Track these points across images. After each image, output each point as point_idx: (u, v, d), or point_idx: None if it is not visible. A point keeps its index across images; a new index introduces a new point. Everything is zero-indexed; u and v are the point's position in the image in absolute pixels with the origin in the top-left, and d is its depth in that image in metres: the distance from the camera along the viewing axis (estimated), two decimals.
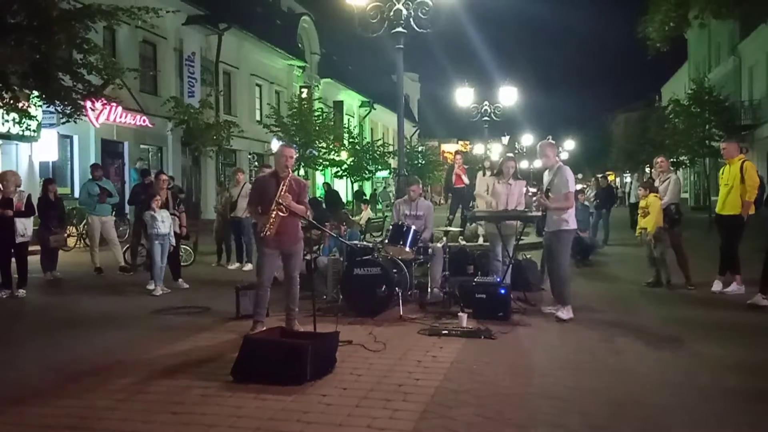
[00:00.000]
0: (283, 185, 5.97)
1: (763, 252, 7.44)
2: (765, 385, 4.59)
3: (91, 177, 11.27)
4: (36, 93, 12.00)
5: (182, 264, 11.16)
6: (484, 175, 10.85)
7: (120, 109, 18.27)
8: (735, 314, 7.01)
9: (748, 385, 4.56)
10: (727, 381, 4.66)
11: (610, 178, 50.68)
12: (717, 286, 8.27)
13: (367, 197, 27.32)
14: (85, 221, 12.77)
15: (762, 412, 4.07)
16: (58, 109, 12.07)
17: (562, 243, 6.91)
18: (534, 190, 10.88)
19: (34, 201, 9.60)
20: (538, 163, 18.64)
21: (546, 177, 7.10)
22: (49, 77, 11.07)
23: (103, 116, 17.84)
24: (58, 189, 11.89)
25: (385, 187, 39.55)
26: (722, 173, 8.35)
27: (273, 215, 5.89)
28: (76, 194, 15.87)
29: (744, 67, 28.89)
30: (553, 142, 7.40)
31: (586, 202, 14.50)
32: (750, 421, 3.92)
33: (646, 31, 14.46)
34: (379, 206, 32.32)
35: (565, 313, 6.70)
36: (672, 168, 9.71)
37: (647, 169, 45.59)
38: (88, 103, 12.96)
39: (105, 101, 13.26)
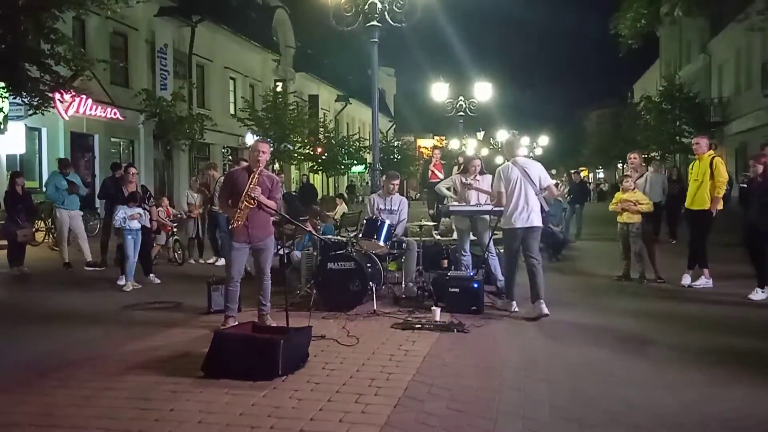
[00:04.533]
0: (252, 178, 5.93)
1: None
2: (729, 374, 4.68)
3: (58, 170, 11.04)
4: (2, 84, 11.72)
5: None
6: (458, 170, 10.87)
7: (90, 101, 17.95)
8: (703, 307, 7.14)
9: (712, 376, 4.65)
10: (693, 373, 4.74)
11: (583, 174, 51.25)
12: (686, 279, 8.41)
13: (342, 192, 27.23)
14: (53, 215, 12.52)
15: (726, 401, 4.15)
16: (25, 100, 11.83)
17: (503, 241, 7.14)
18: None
19: (0, 195, 9.38)
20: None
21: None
22: (15, 68, 10.86)
23: (73, 108, 17.50)
24: (26, 182, 11.63)
25: (367, 182, 39.48)
26: (692, 168, 8.48)
27: (242, 206, 5.85)
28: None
29: (714, 65, 29.41)
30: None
31: (560, 198, 14.62)
32: (714, 410, 3.99)
33: (619, 27, 14.65)
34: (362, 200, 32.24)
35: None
36: (643, 164, 9.78)
37: (620, 165, 46.33)
38: (57, 95, 12.72)
39: (74, 93, 13.01)
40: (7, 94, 12.26)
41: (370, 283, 6.94)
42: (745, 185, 7.84)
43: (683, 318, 6.63)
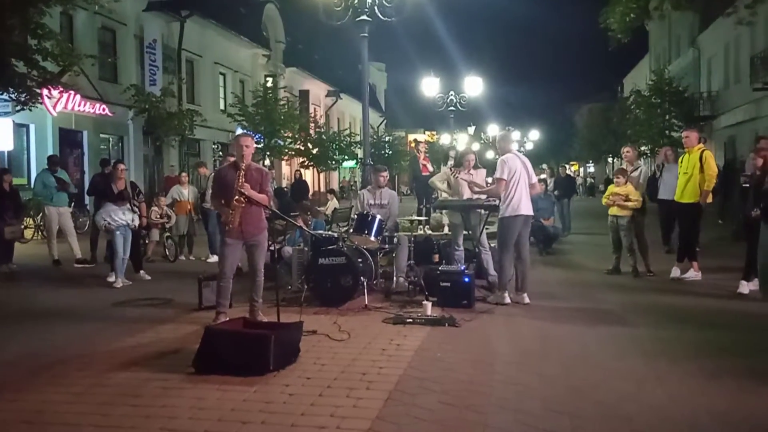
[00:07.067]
0: (240, 174, 5.89)
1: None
2: (719, 366, 4.71)
3: (46, 167, 10.95)
4: None
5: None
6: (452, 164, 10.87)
7: (78, 97, 17.82)
8: (692, 300, 7.19)
9: (702, 367, 4.68)
10: (683, 364, 4.77)
11: (574, 168, 51.35)
12: (675, 272, 8.45)
13: (333, 188, 27.18)
14: (42, 212, 12.43)
15: (716, 393, 4.18)
16: (12, 96, 11.72)
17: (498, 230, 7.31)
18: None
19: None
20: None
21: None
22: (2, 64, 10.74)
23: (61, 104, 17.33)
24: (14, 179, 11.53)
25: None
26: (681, 162, 8.52)
27: (233, 206, 5.81)
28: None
29: (703, 59, 29.53)
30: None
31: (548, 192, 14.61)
32: (705, 402, 4.02)
33: (608, 22, 14.66)
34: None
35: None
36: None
37: (610, 159, 46.53)
38: (45, 91, 12.61)
39: (62, 89, 12.88)
40: None
41: (362, 278, 6.95)
42: (747, 184, 7.79)
43: (673, 311, 6.66)
